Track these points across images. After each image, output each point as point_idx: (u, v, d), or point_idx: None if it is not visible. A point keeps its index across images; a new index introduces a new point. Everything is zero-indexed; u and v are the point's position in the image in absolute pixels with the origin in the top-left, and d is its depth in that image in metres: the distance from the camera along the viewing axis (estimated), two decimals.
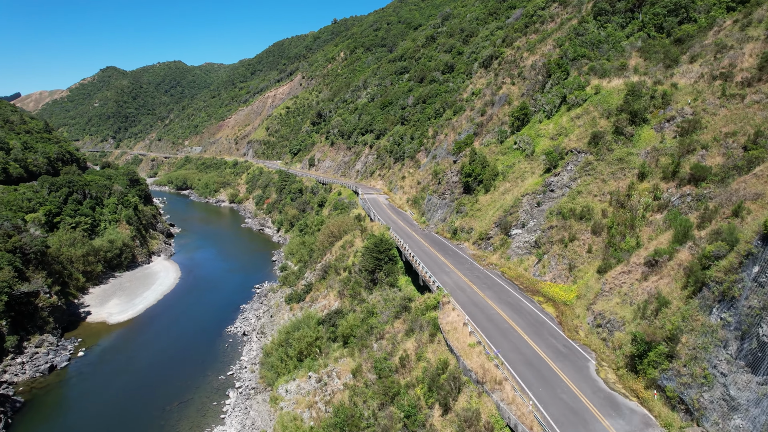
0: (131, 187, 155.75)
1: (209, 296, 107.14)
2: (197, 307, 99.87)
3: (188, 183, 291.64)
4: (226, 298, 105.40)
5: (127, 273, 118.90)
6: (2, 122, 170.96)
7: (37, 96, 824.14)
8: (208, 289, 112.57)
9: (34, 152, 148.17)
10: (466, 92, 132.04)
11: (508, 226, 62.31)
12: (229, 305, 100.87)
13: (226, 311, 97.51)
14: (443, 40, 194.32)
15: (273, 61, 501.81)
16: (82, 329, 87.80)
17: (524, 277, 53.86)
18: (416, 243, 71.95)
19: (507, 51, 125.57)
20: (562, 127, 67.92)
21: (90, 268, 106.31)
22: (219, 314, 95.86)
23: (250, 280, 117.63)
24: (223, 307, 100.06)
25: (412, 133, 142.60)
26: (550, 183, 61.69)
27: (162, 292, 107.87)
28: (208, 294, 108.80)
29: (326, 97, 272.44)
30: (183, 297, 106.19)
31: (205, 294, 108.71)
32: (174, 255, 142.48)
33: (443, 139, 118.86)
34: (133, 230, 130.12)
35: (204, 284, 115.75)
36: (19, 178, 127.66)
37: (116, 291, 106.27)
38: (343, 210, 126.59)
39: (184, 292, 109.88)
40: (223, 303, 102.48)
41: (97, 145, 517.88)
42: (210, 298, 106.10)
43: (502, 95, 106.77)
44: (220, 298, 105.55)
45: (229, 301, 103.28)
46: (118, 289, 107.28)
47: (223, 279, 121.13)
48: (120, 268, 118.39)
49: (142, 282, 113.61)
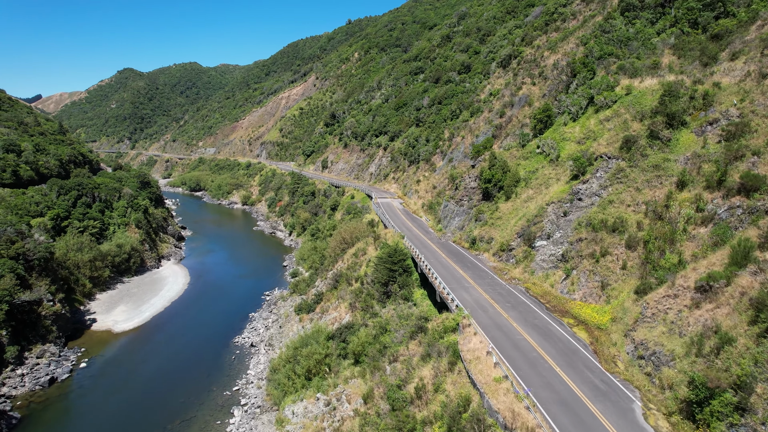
0: (142, 190, 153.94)
1: (218, 303, 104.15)
2: (205, 315, 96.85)
3: (201, 184, 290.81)
4: (235, 306, 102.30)
5: (136, 278, 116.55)
6: (16, 124, 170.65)
7: (57, 98, 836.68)
8: (217, 295, 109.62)
9: (46, 154, 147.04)
10: (483, 93, 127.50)
11: (531, 237, 57.87)
12: (237, 313, 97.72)
13: (234, 320, 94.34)
14: (459, 40, 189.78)
15: (287, 62, 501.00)
16: (86, 338, 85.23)
17: (551, 294, 49.41)
18: (432, 253, 67.79)
19: (526, 50, 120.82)
20: (589, 131, 63.25)
21: (97, 274, 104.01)
22: (227, 323, 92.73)
23: (260, 287, 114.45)
24: (231, 315, 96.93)
25: (427, 135, 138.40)
26: (577, 191, 57.11)
27: (170, 298, 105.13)
28: (216, 301, 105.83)
29: (340, 98, 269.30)
30: (191, 304, 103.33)
31: (214, 301, 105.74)
32: (184, 259, 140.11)
33: (460, 141, 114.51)
34: (142, 234, 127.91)
35: (213, 290, 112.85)
36: (29, 181, 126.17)
37: (123, 297, 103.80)
38: (356, 214, 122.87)
39: (193, 298, 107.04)
40: (231, 311, 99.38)
41: (113, 146, 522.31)
42: (218, 305, 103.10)
43: (522, 96, 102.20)
44: (228, 306, 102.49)
45: (238, 309, 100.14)
46: (126, 295, 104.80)
47: (233, 285, 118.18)
48: (128, 273, 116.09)
49: (150, 288, 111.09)
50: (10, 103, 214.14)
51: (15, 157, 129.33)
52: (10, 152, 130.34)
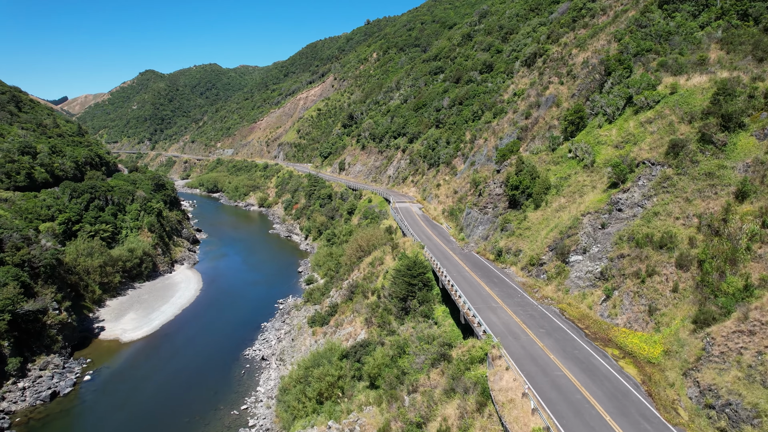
0: (156, 192, 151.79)
1: (230, 311, 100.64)
2: (216, 325, 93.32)
3: (219, 186, 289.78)
4: (247, 314, 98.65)
5: (147, 283, 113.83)
6: (35, 126, 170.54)
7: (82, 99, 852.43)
8: (230, 302, 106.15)
9: (62, 156, 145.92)
10: (507, 93, 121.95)
11: (565, 251, 52.50)
12: (249, 323, 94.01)
13: (246, 330, 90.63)
14: (481, 38, 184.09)
15: (305, 63, 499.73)
16: (93, 348, 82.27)
17: (590, 318, 44.07)
18: (455, 266, 62.80)
19: (553, 48, 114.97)
20: (628, 134, 57.58)
21: (107, 280, 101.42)
22: (238, 333, 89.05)
23: (273, 294, 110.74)
24: (243, 324, 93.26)
25: (447, 137, 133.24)
26: (617, 201, 51.58)
27: (181, 306, 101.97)
28: (228, 309, 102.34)
29: (358, 99, 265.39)
30: (202, 312, 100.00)
31: (226, 309, 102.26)
32: (197, 263, 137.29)
33: (482, 144, 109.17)
34: (155, 238, 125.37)
35: (225, 297, 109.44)
36: (44, 183, 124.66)
37: (133, 304, 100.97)
38: (373, 219, 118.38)
39: (204, 306, 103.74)
40: (243, 320, 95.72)
41: (134, 147, 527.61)
42: (230, 313, 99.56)
43: (549, 96, 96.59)
44: (240, 314, 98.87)
45: (250, 318, 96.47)
46: (136, 302, 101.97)
47: (246, 291, 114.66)
48: (140, 279, 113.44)
49: (162, 294, 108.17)
50: (31, 104, 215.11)
51: (30, 160, 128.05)
52: (26, 154, 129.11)
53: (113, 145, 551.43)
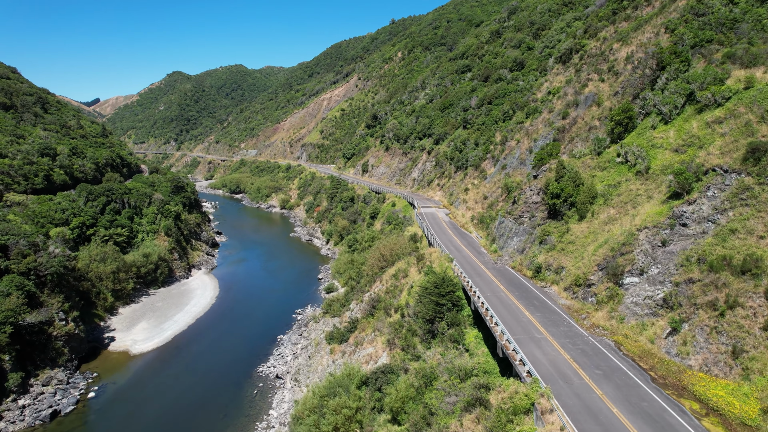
0: (175, 195, 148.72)
1: (245, 322, 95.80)
2: (230, 336, 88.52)
3: (241, 187, 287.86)
4: (264, 325, 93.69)
5: (162, 290, 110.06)
6: (58, 127, 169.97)
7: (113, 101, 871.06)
8: (246, 311, 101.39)
9: (83, 158, 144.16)
10: (540, 91, 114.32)
11: (618, 272, 45.34)
12: (265, 334, 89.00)
13: (261, 342, 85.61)
14: (510, 35, 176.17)
15: (330, 63, 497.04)
16: (101, 360, 78.23)
17: (654, 356, 36.95)
18: (488, 284, 56.10)
19: (591, 43, 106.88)
20: (692, 136, 49.97)
21: (120, 286, 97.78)
22: (253, 346, 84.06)
23: (291, 303, 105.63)
24: (258, 336, 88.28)
25: (476, 138, 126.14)
26: (680, 214, 44.19)
27: (195, 314, 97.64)
28: (244, 318, 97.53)
29: (382, 99, 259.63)
30: (216, 322, 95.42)
31: (241, 318, 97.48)
32: (215, 268, 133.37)
33: (514, 146, 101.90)
34: (171, 242, 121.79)
35: (242, 305, 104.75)
36: (62, 186, 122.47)
37: (146, 312, 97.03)
38: (397, 225, 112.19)
39: (219, 315, 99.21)
40: (259, 331, 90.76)
41: (160, 148, 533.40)
42: (246, 324, 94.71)
43: (588, 94, 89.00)
44: (256, 325, 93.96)
45: (267, 329, 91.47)
46: (149, 310, 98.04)
47: (263, 299, 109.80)
48: (155, 285, 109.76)
49: (176, 301, 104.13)
50: (57, 106, 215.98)
51: (49, 161, 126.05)
52: (45, 156, 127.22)
53: (140, 146, 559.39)
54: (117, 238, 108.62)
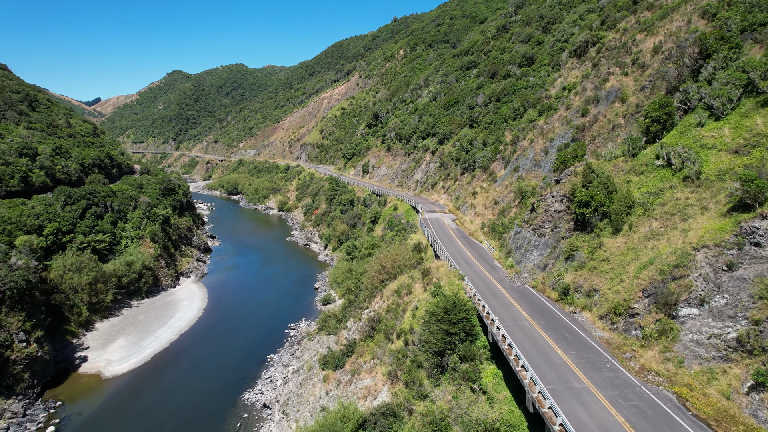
0: (165, 197, 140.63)
1: (233, 337, 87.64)
2: (215, 356, 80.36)
3: (239, 188, 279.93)
4: (253, 342, 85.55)
5: (146, 301, 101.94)
6: (45, 125, 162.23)
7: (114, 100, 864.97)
8: (235, 325, 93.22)
9: (67, 158, 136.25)
10: (553, 87, 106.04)
11: (671, 301, 37.04)
12: (254, 354, 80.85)
13: (249, 363, 77.45)
14: (518, 30, 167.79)
15: (331, 62, 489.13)
16: (68, 385, 70.04)
17: (736, 419, 28.61)
18: (507, 308, 47.80)
19: (609, 35, 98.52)
20: (756, 134, 41.62)
21: (98, 299, 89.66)
22: (239, 368, 75.88)
23: (285, 315, 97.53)
24: (246, 356, 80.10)
25: (484, 137, 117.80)
26: (751, 230, 35.87)
27: (179, 329, 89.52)
28: (232, 334, 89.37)
29: (383, 97, 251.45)
30: (202, 337, 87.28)
31: (230, 334, 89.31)
32: (206, 276, 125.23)
33: (527, 146, 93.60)
34: (158, 249, 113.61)
35: (230, 319, 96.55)
36: (42, 188, 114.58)
37: (126, 327, 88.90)
38: (399, 232, 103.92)
39: (206, 329, 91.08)
40: (247, 350, 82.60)
41: (159, 147, 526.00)
42: (234, 340, 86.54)
43: (610, 89, 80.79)
44: (245, 342, 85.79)
45: (256, 347, 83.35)
46: (129, 325, 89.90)
47: (255, 312, 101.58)
48: (137, 296, 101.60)
49: (160, 314, 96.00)
50: (47, 104, 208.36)
51: (28, 162, 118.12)
52: (24, 156, 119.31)
53: (139, 146, 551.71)
54: (97, 246, 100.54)
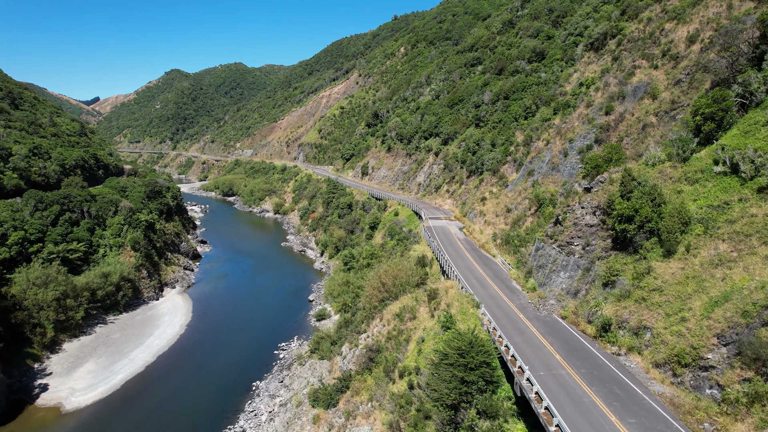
0: (151, 201, 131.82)
1: (217, 360, 78.76)
2: (195, 382, 71.49)
3: (234, 189, 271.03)
4: (238, 366, 76.67)
5: (124, 316, 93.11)
6: (26, 124, 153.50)
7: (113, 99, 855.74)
8: (219, 345, 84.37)
9: (46, 159, 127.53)
10: (569, 83, 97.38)
11: (764, 355, 28.20)
12: (239, 380, 72.06)
13: (232, 392, 68.70)
14: (525, 24, 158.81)
15: (330, 61, 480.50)
16: (20, 421, 61.03)
17: None
18: (536, 349, 38.91)
19: (631, 26, 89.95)
20: None
21: (66, 315, 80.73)
22: (221, 397, 67.08)
23: (276, 332, 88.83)
24: (230, 382, 71.28)
25: (492, 137, 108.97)
26: None
27: (157, 349, 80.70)
28: (216, 355, 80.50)
29: (384, 96, 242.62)
30: (182, 360, 78.44)
31: (213, 356, 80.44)
32: (192, 286, 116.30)
33: (543, 147, 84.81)
34: (139, 258, 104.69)
35: (215, 337, 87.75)
36: (15, 191, 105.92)
37: (98, 347, 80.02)
38: (401, 240, 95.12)
39: (187, 349, 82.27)
40: (232, 374, 73.78)
41: (155, 147, 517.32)
42: (217, 363, 77.66)
43: (638, 84, 72.28)
44: (230, 365, 76.92)
45: (241, 371, 74.53)
46: (102, 344, 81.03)
47: (243, 328, 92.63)
48: (115, 310, 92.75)
49: (138, 331, 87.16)
50: (33, 102, 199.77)
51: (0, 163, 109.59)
52: None
53: (136, 145, 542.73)
54: (70, 256, 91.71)
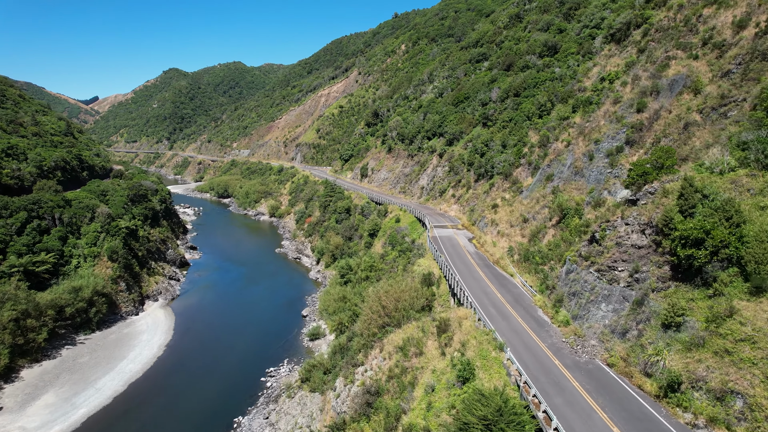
0: (135, 205, 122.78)
1: (196, 387, 69.70)
2: (169, 417, 62.47)
3: (229, 190, 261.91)
4: (221, 395, 67.66)
5: (96, 335, 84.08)
6: (5, 123, 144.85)
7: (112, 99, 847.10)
8: (201, 370, 75.28)
9: (21, 160, 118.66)
10: (588, 78, 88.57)
11: None
12: (219, 413, 63.09)
13: (210, 430, 59.72)
14: (534, 17, 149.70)
15: (330, 60, 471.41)
16: None
17: None
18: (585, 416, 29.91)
19: (659, 14, 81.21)
20: None
21: (26, 338, 71.71)
22: None
23: (264, 354, 79.92)
24: (208, 417, 62.25)
25: (502, 138, 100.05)
26: None
27: (130, 376, 71.65)
28: (196, 382, 71.47)
29: (384, 94, 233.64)
30: (157, 389, 69.35)
31: (192, 382, 71.41)
32: (177, 298, 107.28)
33: (563, 149, 75.82)
34: (117, 269, 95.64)
35: (197, 359, 78.68)
36: None
37: (62, 374, 70.97)
38: (403, 252, 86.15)
39: (164, 375, 73.24)
40: (212, 407, 64.74)
41: (152, 147, 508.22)
42: (196, 391, 68.62)
43: (676, 77, 63.51)
44: (211, 394, 67.89)
45: (223, 402, 65.56)
46: (67, 370, 71.99)
47: (229, 348, 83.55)
48: (86, 328, 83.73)
49: (110, 353, 78.16)
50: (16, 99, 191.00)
51: None
52: None
53: (132, 145, 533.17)
54: (36, 268, 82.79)
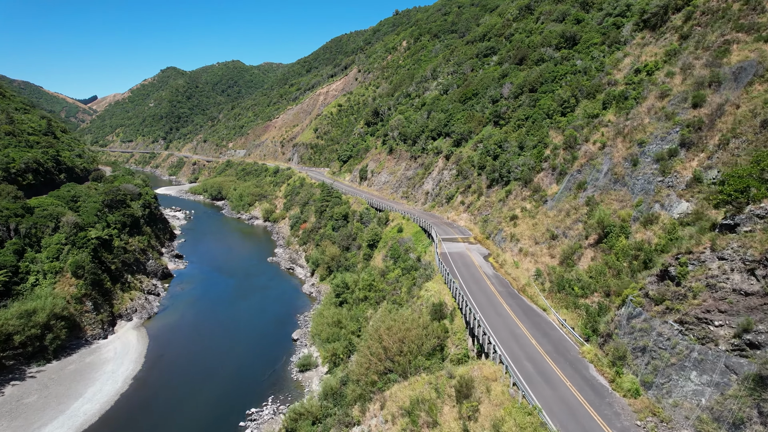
0: (113, 211, 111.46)
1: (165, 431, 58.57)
2: None
3: (223, 192, 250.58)
4: None
5: (53, 365, 72.72)
6: None
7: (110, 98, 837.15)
8: (169, 413, 63.95)
9: None
10: (619, 71, 77.32)
11: None
12: None
13: None
14: (548, 8, 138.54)
15: (329, 58, 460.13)
16: None
17: None
18: None
19: None
20: None
21: None
22: None
23: (247, 388, 68.59)
24: None
25: (518, 138, 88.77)
26: None
27: (84, 419, 60.23)
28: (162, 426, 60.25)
29: (385, 92, 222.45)
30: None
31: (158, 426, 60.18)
32: (154, 317, 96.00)
33: (596, 152, 64.35)
34: (83, 286, 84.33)
35: (167, 398, 67.28)
36: None
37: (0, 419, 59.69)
38: (408, 271, 74.71)
39: (125, 419, 61.80)
40: None
41: (148, 146, 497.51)
42: None
43: (741, 64, 52.33)
44: None
45: None
46: (5, 415, 60.42)
47: (206, 380, 72.11)
48: (40, 358, 72.39)
49: (65, 390, 66.78)
50: None
51: None
52: None
53: (128, 144, 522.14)
54: None
